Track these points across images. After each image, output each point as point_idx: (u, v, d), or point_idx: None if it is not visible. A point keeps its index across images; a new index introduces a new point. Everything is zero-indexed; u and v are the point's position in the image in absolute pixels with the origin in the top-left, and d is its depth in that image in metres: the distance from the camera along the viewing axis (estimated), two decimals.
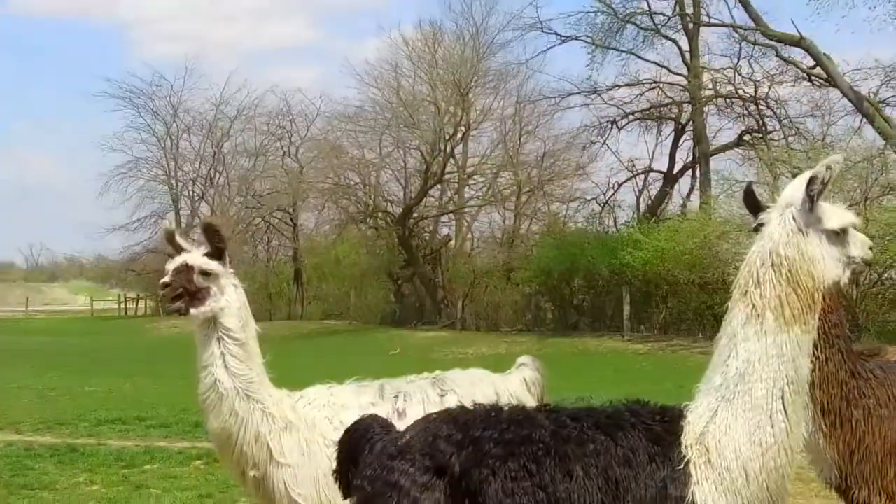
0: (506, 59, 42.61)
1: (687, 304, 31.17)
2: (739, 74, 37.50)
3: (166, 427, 14.38)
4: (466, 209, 45.56)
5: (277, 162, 55.05)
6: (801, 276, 3.77)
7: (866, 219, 24.52)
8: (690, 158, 40.63)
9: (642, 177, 42.79)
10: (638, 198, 42.67)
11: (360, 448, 4.17)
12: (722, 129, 40.86)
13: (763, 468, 3.67)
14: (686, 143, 41.07)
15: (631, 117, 40.79)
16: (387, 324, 42.83)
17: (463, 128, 42.55)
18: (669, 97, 40.29)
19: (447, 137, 41.84)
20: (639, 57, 38.72)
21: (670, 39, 38.14)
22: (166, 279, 5.17)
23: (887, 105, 32.14)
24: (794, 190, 3.92)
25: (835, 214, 3.92)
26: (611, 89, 39.85)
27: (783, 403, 3.72)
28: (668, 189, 41.51)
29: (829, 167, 3.79)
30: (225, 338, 5.18)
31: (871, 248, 4.15)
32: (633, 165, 42.57)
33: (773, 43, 33.76)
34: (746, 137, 38.38)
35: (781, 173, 27.10)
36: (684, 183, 41.97)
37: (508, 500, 3.81)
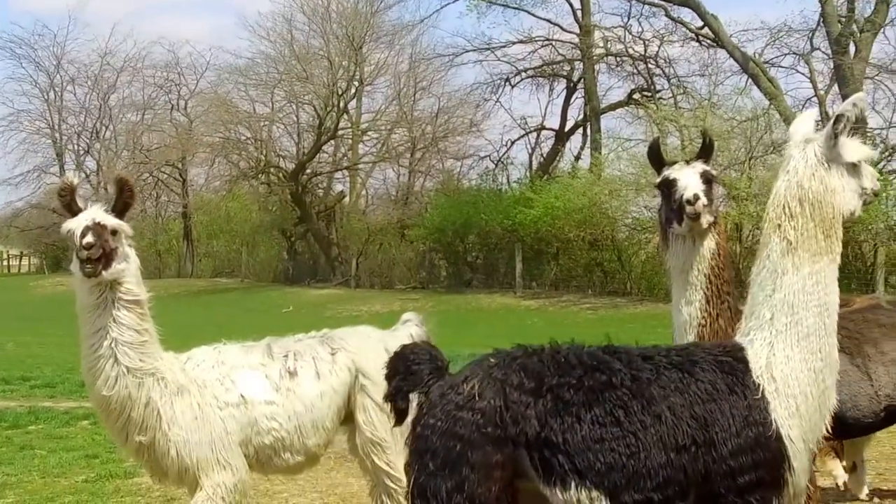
0: (400, 15, 42.35)
1: (577, 262, 31.66)
2: (630, 33, 37.98)
3: (51, 387, 14.07)
4: (360, 166, 45.28)
5: (166, 116, 53.75)
6: (824, 207, 3.96)
7: (750, 178, 25.28)
8: (581, 116, 41.07)
9: (535, 134, 43.19)
10: (530, 155, 43.09)
11: (413, 382, 4.01)
12: (612, 87, 41.51)
13: (819, 391, 3.90)
14: (577, 101, 41.54)
15: (524, 75, 41.00)
16: (279, 281, 42.48)
17: (357, 83, 42.14)
18: (561, 55, 40.57)
19: (341, 93, 41.41)
20: (530, 13, 38.92)
21: None
22: (90, 238, 4.83)
23: (772, 66, 32.97)
24: (804, 125, 4.13)
25: (852, 148, 4.08)
26: (504, 46, 39.96)
27: (825, 328, 3.94)
28: (559, 147, 41.95)
29: (855, 104, 3.99)
30: (123, 301, 4.98)
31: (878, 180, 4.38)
32: (526, 123, 42.97)
33: (663, 3, 34.30)
34: (636, 96, 38.97)
35: (669, 132, 27.66)
36: (576, 141, 42.57)
37: (597, 446, 3.75)
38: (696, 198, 4.98)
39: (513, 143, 42.91)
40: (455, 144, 44.16)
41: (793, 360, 3.87)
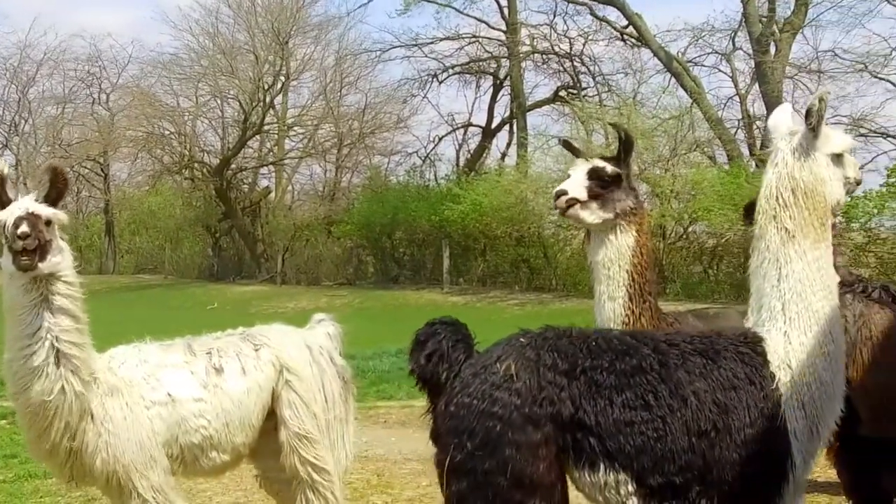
0: (327, 9, 42.12)
1: (504, 258, 31.81)
2: (555, 31, 38.31)
3: None
4: (286, 161, 44.97)
5: (87, 110, 52.75)
6: (815, 196, 4.03)
7: (674, 175, 25.65)
8: (508, 113, 41.29)
9: (462, 131, 43.37)
10: (457, 152, 43.25)
11: (442, 359, 3.97)
12: (538, 84, 41.89)
13: (832, 375, 3.97)
14: (504, 98, 41.77)
15: (451, 71, 41.08)
16: (204, 278, 41.99)
17: (283, 78, 41.84)
18: (488, 52, 40.74)
19: (266, 87, 41.06)
20: (457, 10, 39.00)
21: None
22: (25, 228, 4.53)
23: (695, 65, 33.55)
24: (783, 118, 4.20)
25: (836, 138, 4.16)
26: (431, 43, 40.02)
27: (833, 311, 4.02)
28: (486, 143, 42.13)
29: (821, 99, 4.05)
30: (60, 297, 4.70)
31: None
32: (453, 119, 43.10)
33: (588, 1, 34.66)
34: (562, 93, 39.29)
35: (594, 129, 27.96)
36: (502, 138, 42.77)
37: (628, 429, 3.75)
38: (560, 193, 5.17)
39: (440, 139, 43.11)
40: (382, 140, 44.12)
41: (807, 346, 3.93)
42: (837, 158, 4.14)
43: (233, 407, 5.33)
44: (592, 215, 5.16)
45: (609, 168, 5.27)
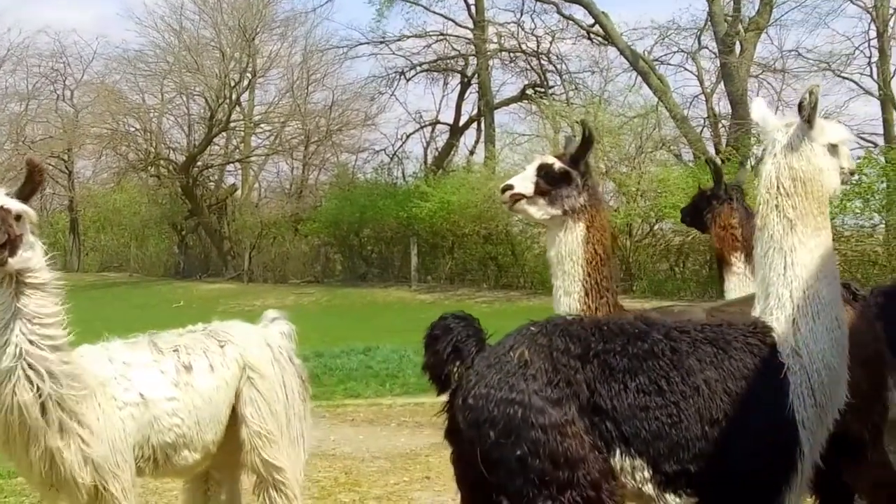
0: (293, 6, 41.98)
1: (472, 255, 31.83)
2: (523, 29, 38.35)
3: None
4: (253, 158, 44.75)
5: (51, 106, 52.07)
6: (814, 185, 4.10)
7: (640, 174, 25.80)
8: (476, 111, 41.33)
9: (429, 129, 43.30)
10: (425, 149, 43.18)
11: (455, 352, 3.96)
12: (506, 82, 42.07)
13: (840, 360, 4.02)
14: (472, 95, 41.78)
15: (418, 69, 41.03)
16: (170, 276, 41.73)
17: (249, 75, 41.61)
18: (456, 50, 40.72)
19: (233, 84, 40.81)
20: (426, 8, 39.00)
21: None
22: None
23: (661, 63, 33.70)
24: (767, 111, 4.33)
25: (831, 129, 4.23)
26: (399, 40, 39.93)
27: (837, 297, 4.09)
28: (454, 141, 42.13)
29: (811, 92, 4.13)
30: (33, 294, 4.57)
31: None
32: (421, 117, 43.04)
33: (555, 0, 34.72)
34: (529, 92, 39.31)
35: (561, 128, 28.03)
36: (470, 135, 42.78)
37: (642, 414, 3.76)
38: (506, 188, 5.34)
39: (408, 136, 43.02)
40: (349, 138, 44.06)
41: (816, 333, 3.99)
42: (833, 149, 4.22)
43: (203, 404, 5.30)
44: (540, 211, 5.27)
45: (558, 165, 5.34)
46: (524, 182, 5.31)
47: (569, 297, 5.15)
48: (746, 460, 3.85)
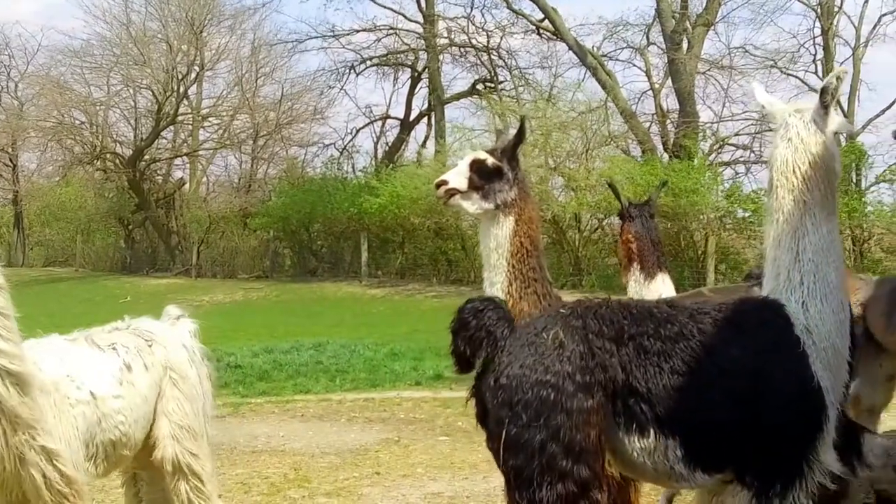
0: None
1: (422, 250, 31.83)
2: (473, 24, 38.34)
3: None
4: (201, 152, 44.35)
5: None
6: (828, 170, 4.16)
7: (588, 169, 25.97)
8: (426, 106, 41.29)
9: (380, 123, 43.18)
10: (375, 144, 43.09)
11: (484, 334, 3.96)
12: (456, 77, 41.82)
13: (843, 342, 4.13)
14: (422, 90, 41.70)
15: (368, 63, 40.90)
16: (117, 271, 41.23)
17: (197, 67, 41.16)
18: (406, 44, 40.60)
19: (180, 77, 40.38)
20: (374, 2, 38.89)
21: None
22: None
23: (610, 59, 33.92)
24: (766, 94, 4.48)
25: (837, 118, 4.29)
26: (348, 34, 39.73)
27: (842, 281, 4.19)
28: (404, 136, 42.08)
29: (838, 77, 4.20)
30: None
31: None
32: (371, 111, 42.90)
33: None
34: (479, 87, 39.38)
35: (510, 123, 28.13)
36: (420, 130, 42.74)
37: (676, 395, 3.78)
38: (440, 183, 5.40)
39: (358, 131, 42.88)
40: (299, 132, 43.78)
41: (824, 314, 4.06)
42: (836, 137, 4.31)
43: (141, 403, 5.33)
44: (474, 205, 5.34)
45: (490, 160, 5.40)
46: (458, 177, 5.38)
47: (493, 288, 5.23)
48: (778, 433, 3.90)
